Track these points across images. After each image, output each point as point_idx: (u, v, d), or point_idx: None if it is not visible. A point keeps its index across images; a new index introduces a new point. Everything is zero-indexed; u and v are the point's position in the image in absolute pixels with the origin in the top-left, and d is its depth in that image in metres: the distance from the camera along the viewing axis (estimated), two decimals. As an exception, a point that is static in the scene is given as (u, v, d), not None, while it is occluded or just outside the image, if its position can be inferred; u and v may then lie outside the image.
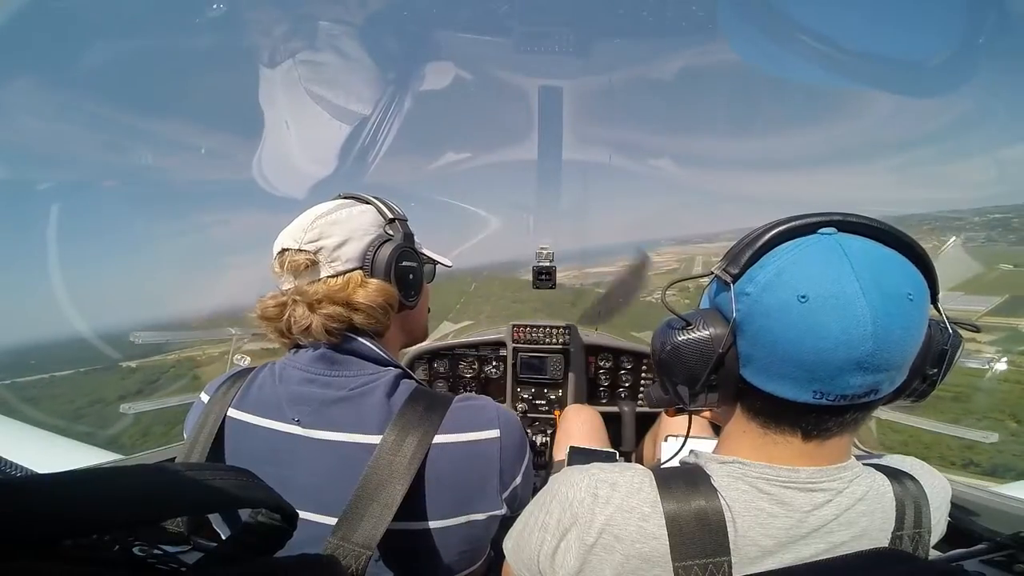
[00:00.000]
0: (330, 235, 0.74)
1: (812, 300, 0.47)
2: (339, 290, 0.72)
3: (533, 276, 1.85)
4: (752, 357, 0.52)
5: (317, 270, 0.74)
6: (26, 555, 0.28)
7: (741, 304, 0.52)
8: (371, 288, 0.74)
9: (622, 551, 0.52)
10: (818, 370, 0.48)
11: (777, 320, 0.49)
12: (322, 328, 0.70)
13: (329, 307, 0.71)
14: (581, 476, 0.58)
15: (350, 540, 0.59)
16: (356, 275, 0.75)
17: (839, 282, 0.48)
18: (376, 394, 0.69)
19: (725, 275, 0.54)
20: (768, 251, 0.53)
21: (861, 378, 0.48)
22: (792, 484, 0.53)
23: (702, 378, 0.55)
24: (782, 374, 0.50)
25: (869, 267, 0.48)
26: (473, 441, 0.69)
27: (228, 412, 0.73)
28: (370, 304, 0.73)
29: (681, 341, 0.56)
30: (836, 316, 0.47)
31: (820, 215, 0.55)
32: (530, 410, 2.11)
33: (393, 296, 0.76)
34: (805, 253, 0.51)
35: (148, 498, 0.34)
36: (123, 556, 0.44)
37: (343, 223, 0.76)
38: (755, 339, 0.51)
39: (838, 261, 0.49)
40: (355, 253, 0.75)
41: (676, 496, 0.53)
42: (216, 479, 0.41)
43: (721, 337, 0.53)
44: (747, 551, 0.51)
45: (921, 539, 0.57)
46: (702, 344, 0.54)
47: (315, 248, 0.73)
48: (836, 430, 0.53)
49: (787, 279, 0.50)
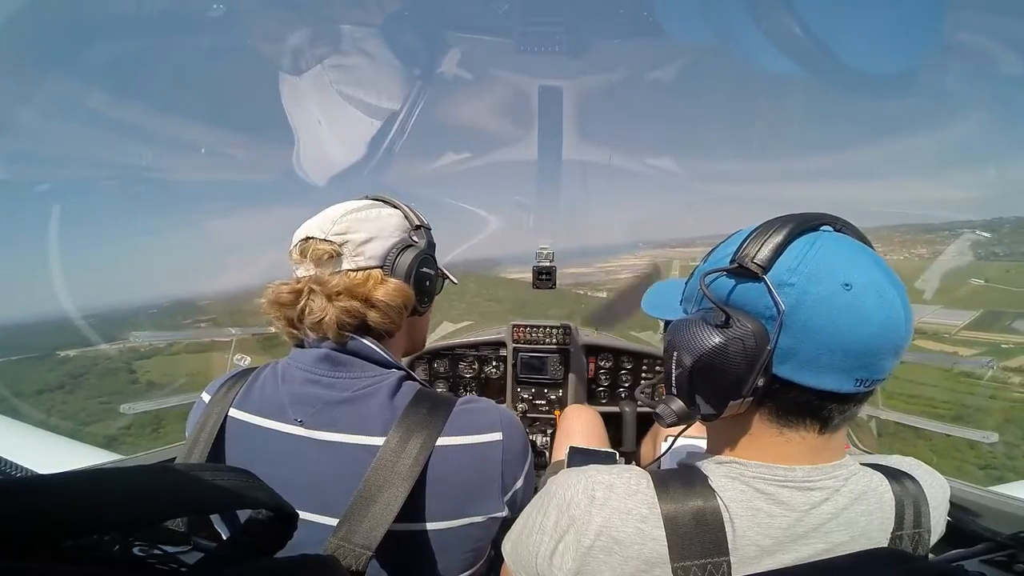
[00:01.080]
0: (357, 230, 0.75)
1: (856, 288, 0.48)
2: (359, 285, 0.73)
3: (533, 276, 1.87)
4: (795, 351, 0.49)
5: (339, 262, 0.74)
6: (26, 555, 0.28)
7: (785, 295, 0.49)
8: (391, 287, 0.74)
9: (620, 553, 0.52)
10: (865, 357, 0.48)
11: (827, 309, 0.48)
12: (335, 322, 0.70)
13: (347, 300, 0.71)
14: (578, 478, 0.58)
15: (351, 540, 0.59)
16: (376, 273, 0.75)
17: (871, 272, 0.49)
18: (380, 396, 0.69)
19: (755, 267, 0.50)
20: (790, 244, 0.51)
21: (892, 361, 0.50)
22: (789, 483, 0.53)
23: (748, 382, 0.50)
24: (829, 365, 0.49)
25: (880, 261, 0.51)
26: (476, 444, 0.69)
27: (229, 412, 0.73)
28: (388, 303, 0.73)
29: (722, 342, 0.50)
30: (878, 302, 0.48)
31: (815, 215, 0.55)
32: (530, 410, 2.11)
33: (411, 298, 0.77)
34: (832, 245, 0.51)
35: (148, 498, 0.34)
36: (123, 556, 0.44)
37: (372, 221, 0.77)
38: (801, 332, 0.49)
39: (862, 254, 0.50)
40: (379, 252, 0.76)
41: (674, 497, 0.53)
42: (217, 480, 0.41)
43: (764, 333, 0.49)
44: (746, 551, 0.51)
45: (921, 539, 0.57)
46: (747, 342, 0.49)
47: (341, 240, 0.73)
48: (849, 417, 0.54)
49: (828, 268, 0.49)
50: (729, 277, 0.54)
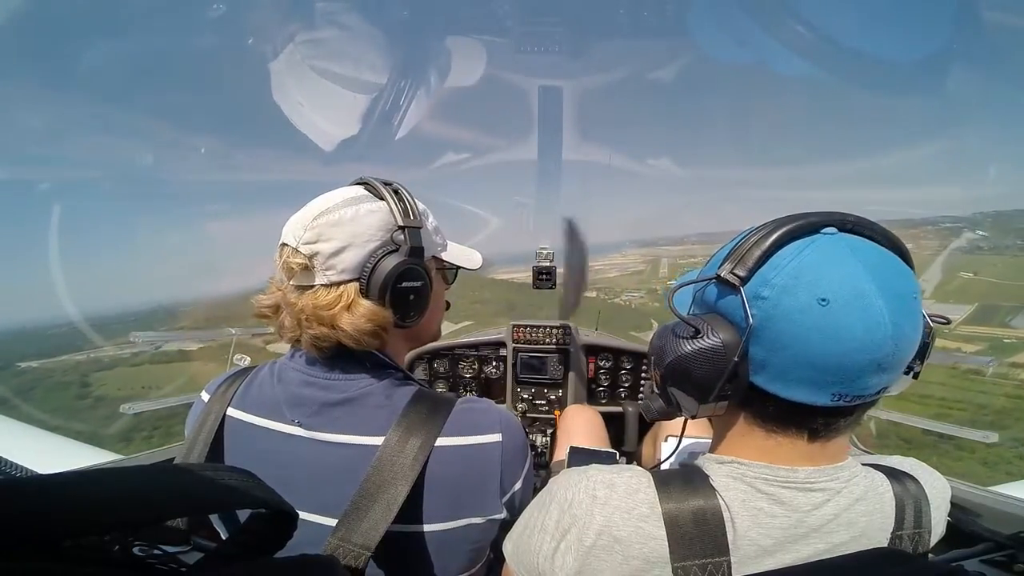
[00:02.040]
0: (329, 238, 0.67)
1: (833, 303, 0.47)
2: (326, 307, 0.66)
3: (533, 276, 1.89)
4: (767, 363, 0.51)
5: (311, 275, 0.68)
6: (26, 555, 0.28)
7: (757, 309, 0.50)
8: (359, 313, 0.67)
9: (621, 552, 0.52)
10: (839, 373, 0.47)
11: (798, 324, 0.48)
12: (311, 345, 0.68)
13: (315, 326, 0.67)
14: (579, 477, 0.58)
15: (350, 540, 0.59)
16: (350, 289, 0.68)
17: (856, 284, 0.47)
18: (378, 396, 0.69)
19: (733, 278, 0.51)
20: (775, 252, 0.51)
21: (878, 378, 0.48)
22: (791, 484, 0.53)
23: (715, 389, 0.52)
24: (800, 379, 0.49)
25: (878, 268, 0.49)
26: (475, 445, 0.69)
27: (228, 411, 0.72)
28: (357, 329, 0.66)
29: (691, 351, 0.53)
30: (858, 318, 0.46)
31: (820, 215, 0.54)
32: (530, 410, 2.11)
33: (386, 320, 0.69)
34: (818, 254, 0.50)
35: (148, 498, 0.34)
36: (123, 556, 0.44)
37: (345, 225, 0.68)
38: (772, 344, 0.50)
39: (852, 262, 0.48)
40: (353, 263, 0.68)
41: (674, 496, 0.53)
42: (217, 479, 0.41)
43: (734, 344, 0.51)
44: (746, 551, 0.51)
45: (921, 539, 0.57)
46: (714, 353, 0.52)
47: (310, 252, 0.67)
48: (844, 428, 0.54)
49: (805, 281, 0.48)
50: (715, 285, 0.55)
